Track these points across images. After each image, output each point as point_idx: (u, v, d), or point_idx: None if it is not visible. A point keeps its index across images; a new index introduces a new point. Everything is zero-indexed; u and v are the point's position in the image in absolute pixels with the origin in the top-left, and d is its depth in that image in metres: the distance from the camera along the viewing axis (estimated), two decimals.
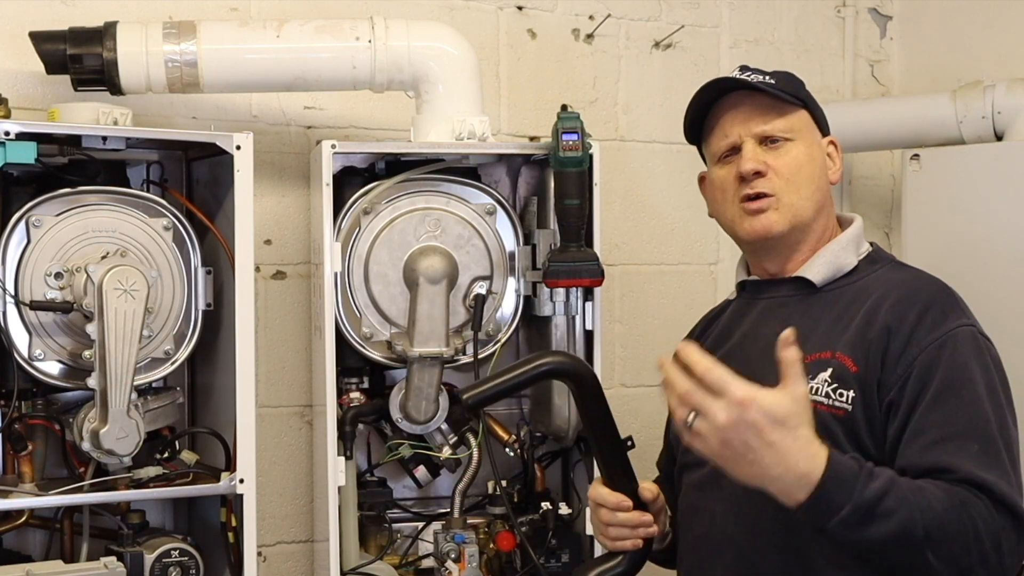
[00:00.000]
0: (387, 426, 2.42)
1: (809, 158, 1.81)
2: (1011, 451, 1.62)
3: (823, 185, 1.83)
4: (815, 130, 1.86)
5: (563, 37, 2.93)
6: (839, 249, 1.81)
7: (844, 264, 1.80)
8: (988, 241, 2.62)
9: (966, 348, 1.65)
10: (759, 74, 1.84)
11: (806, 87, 1.89)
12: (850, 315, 1.72)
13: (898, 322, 1.66)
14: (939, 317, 1.67)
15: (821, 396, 1.68)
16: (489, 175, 2.53)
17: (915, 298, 1.69)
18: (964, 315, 1.70)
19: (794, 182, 1.80)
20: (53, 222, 2.13)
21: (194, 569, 2.21)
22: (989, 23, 3.07)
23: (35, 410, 2.19)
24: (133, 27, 2.23)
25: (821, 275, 1.80)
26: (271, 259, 2.63)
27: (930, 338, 1.65)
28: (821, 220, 1.83)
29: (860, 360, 1.67)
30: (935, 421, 1.60)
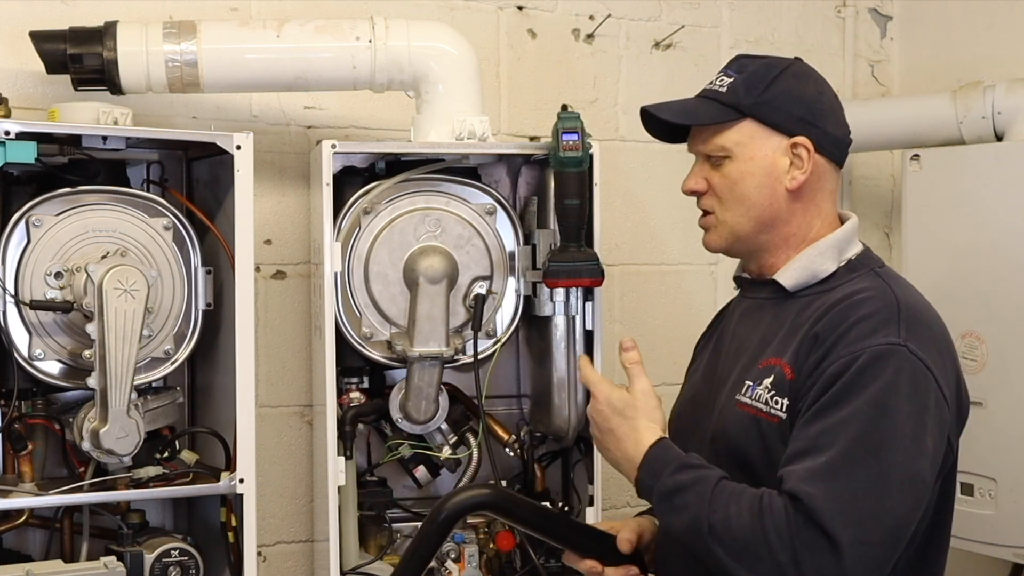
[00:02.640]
0: (387, 426, 2.42)
1: (743, 175, 1.76)
2: (873, 472, 1.54)
3: (763, 200, 1.75)
4: (764, 139, 1.75)
5: (563, 37, 2.93)
6: (816, 255, 1.77)
7: (819, 270, 1.75)
8: (988, 241, 2.62)
9: (878, 365, 1.58)
10: (730, 74, 1.78)
11: (778, 82, 1.77)
12: (803, 321, 1.70)
13: (828, 331, 1.63)
14: (866, 331, 1.61)
15: (760, 403, 1.68)
16: (489, 175, 2.53)
17: (854, 309, 1.64)
18: (897, 332, 1.61)
19: (727, 201, 1.77)
20: (53, 222, 2.13)
21: (194, 569, 2.21)
22: (989, 23, 3.07)
23: (35, 410, 2.18)
24: (133, 27, 2.23)
25: (793, 280, 1.76)
26: (271, 259, 2.63)
27: (846, 351, 1.60)
28: (777, 230, 1.77)
29: (797, 368, 1.66)
30: (806, 433, 1.58)
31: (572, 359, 2.40)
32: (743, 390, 1.71)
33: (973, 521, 2.58)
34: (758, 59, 1.81)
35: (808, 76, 1.80)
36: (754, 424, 1.67)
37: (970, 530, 2.57)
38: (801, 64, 1.82)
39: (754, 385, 1.70)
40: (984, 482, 2.60)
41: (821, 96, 1.79)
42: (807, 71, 1.81)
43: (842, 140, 1.82)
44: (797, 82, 1.77)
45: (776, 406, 1.65)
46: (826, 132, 1.78)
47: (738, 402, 1.71)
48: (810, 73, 1.81)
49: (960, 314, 2.66)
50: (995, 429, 2.60)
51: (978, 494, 2.61)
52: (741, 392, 1.71)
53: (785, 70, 1.78)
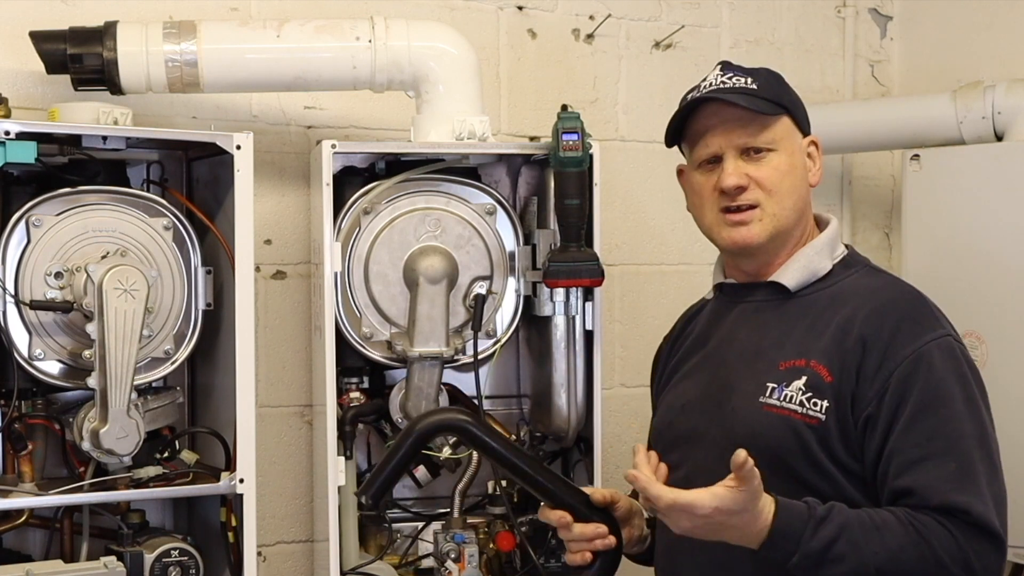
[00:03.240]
0: (387, 426, 2.42)
1: (791, 167, 1.80)
2: (990, 460, 1.65)
3: (804, 192, 1.82)
4: (796, 135, 1.83)
5: (563, 37, 2.93)
6: (813, 254, 1.81)
7: (818, 269, 1.80)
8: (988, 241, 2.62)
9: (943, 361, 1.65)
10: (741, 75, 1.82)
11: (787, 84, 1.87)
12: (824, 322, 1.72)
13: (874, 334, 1.67)
14: (915, 329, 1.67)
15: (795, 404, 1.68)
16: (489, 175, 2.53)
17: (890, 308, 1.70)
18: (939, 324, 1.70)
19: (777, 193, 1.78)
20: (53, 222, 2.13)
21: (194, 569, 2.21)
22: (989, 23, 3.07)
23: (35, 410, 2.18)
24: (133, 27, 2.23)
25: (795, 280, 1.79)
26: (271, 259, 2.63)
27: (905, 352, 1.65)
28: (801, 225, 1.83)
29: (835, 370, 1.67)
30: (912, 440, 1.62)
31: (572, 359, 2.40)
32: (767, 393, 1.72)
33: None
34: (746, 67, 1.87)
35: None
36: (788, 426, 1.68)
37: None
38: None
39: (780, 387, 1.71)
40: None
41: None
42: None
43: None
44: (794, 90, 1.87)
45: (814, 408, 1.67)
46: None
47: (764, 404, 1.71)
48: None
49: (960, 314, 2.64)
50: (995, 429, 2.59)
51: None
52: (766, 395, 1.71)
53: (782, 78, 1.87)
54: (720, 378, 1.81)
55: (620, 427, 2.94)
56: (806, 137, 1.84)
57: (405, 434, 1.74)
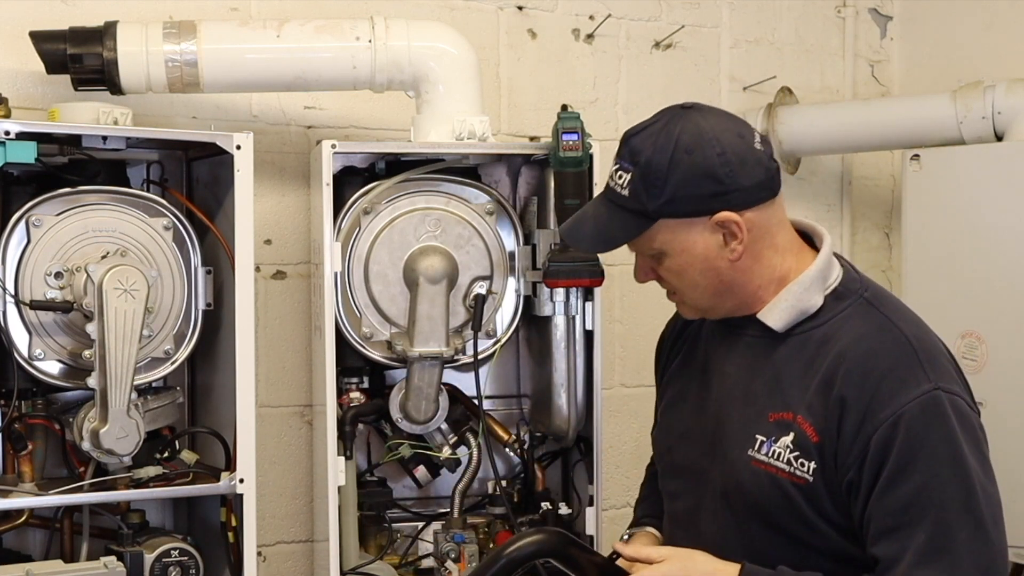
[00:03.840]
0: (387, 426, 2.42)
1: (686, 265, 1.70)
2: (976, 525, 1.55)
3: (713, 279, 1.70)
4: (685, 229, 1.67)
5: (563, 37, 2.93)
6: (801, 291, 1.69)
7: (808, 306, 1.69)
8: (988, 241, 2.62)
9: (925, 421, 1.56)
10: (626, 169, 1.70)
11: (669, 175, 1.65)
12: (813, 370, 1.65)
13: (854, 393, 1.59)
14: (896, 387, 1.58)
15: (782, 463, 1.64)
16: (489, 175, 2.53)
17: (872, 363, 1.60)
18: (927, 378, 1.58)
19: (682, 289, 1.74)
20: (53, 222, 2.13)
21: (194, 569, 2.21)
22: (989, 23, 3.08)
23: (35, 410, 2.18)
24: (133, 27, 2.23)
25: (782, 321, 1.69)
26: (271, 259, 2.63)
27: (884, 414, 1.57)
28: (743, 289, 1.71)
29: (820, 430, 1.62)
30: (887, 508, 1.57)
31: (572, 359, 2.40)
32: (756, 446, 1.67)
33: None
34: (646, 133, 1.70)
35: (701, 140, 1.66)
36: (776, 484, 1.64)
37: None
38: (689, 123, 1.68)
39: (768, 442, 1.66)
40: None
41: (723, 155, 1.65)
42: (698, 133, 1.66)
43: (763, 180, 1.67)
44: (693, 157, 1.65)
45: (802, 468, 1.62)
46: (743, 189, 1.65)
47: (753, 459, 1.67)
48: (702, 133, 1.66)
49: (960, 314, 2.66)
50: (995, 429, 2.58)
51: None
52: (754, 448, 1.67)
53: (676, 148, 1.66)
54: (713, 414, 1.77)
55: (620, 427, 2.94)
56: (712, 217, 1.66)
57: (490, 562, 1.72)
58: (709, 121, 1.68)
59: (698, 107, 1.72)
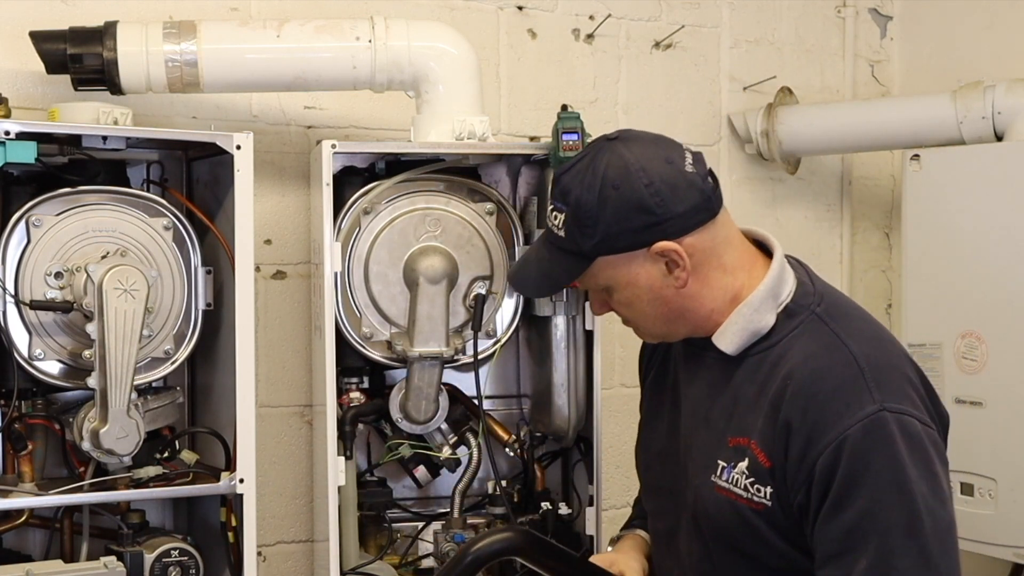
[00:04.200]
0: (387, 426, 2.42)
1: (633, 298, 1.69)
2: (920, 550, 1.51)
3: (661, 308, 1.69)
4: (627, 263, 1.66)
5: (563, 37, 2.93)
6: (751, 313, 1.65)
7: (759, 328, 1.65)
8: (988, 241, 2.62)
9: (868, 444, 1.52)
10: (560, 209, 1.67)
11: (599, 213, 1.63)
12: (765, 392, 1.61)
13: (798, 417, 1.56)
14: (840, 410, 1.54)
15: (740, 489, 1.62)
16: (489, 175, 2.53)
17: (817, 386, 1.56)
18: (872, 398, 1.54)
19: (633, 318, 1.74)
20: (53, 222, 2.13)
21: (194, 569, 2.21)
22: (989, 23, 3.08)
23: (35, 410, 2.18)
24: (133, 27, 2.23)
25: (734, 345, 1.66)
26: (271, 259, 2.63)
27: (828, 438, 1.53)
28: (694, 313, 1.69)
29: (770, 454, 1.59)
30: (831, 534, 1.54)
31: (572, 359, 2.39)
32: (718, 471, 1.65)
33: (973, 521, 2.58)
34: (574, 171, 1.66)
35: (627, 172, 1.62)
36: (736, 510, 1.63)
37: (970, 530, 2.57)
38: (614, 156, 1.64)
39: (728, 468, 1.64)
40: (984, 482, 2.60)
41: (651, 185, 1.62)
42: (623, 166, 1.63)
43: (698, 203, 1.64)
44: (620, 192, 1.62)
45: (759, 494, 1.60)
46: (678, 216, 1.63)
47: (715, 485, 1.66)
48: (627, 165, 1.63)
49: (960, 314, 2.67)
50: (995, 429, 2.60)
51: (978, 494, 2.61)
52: (716, 473, 1.66)
53: (603, 185, 1.62)
54: (681, 435, 1.77)
55: (620, 427, 2.93)
56: (649, 248, 1.64)
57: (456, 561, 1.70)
58: (634, 151, 1.64)
59: (623, 136, 1.68)
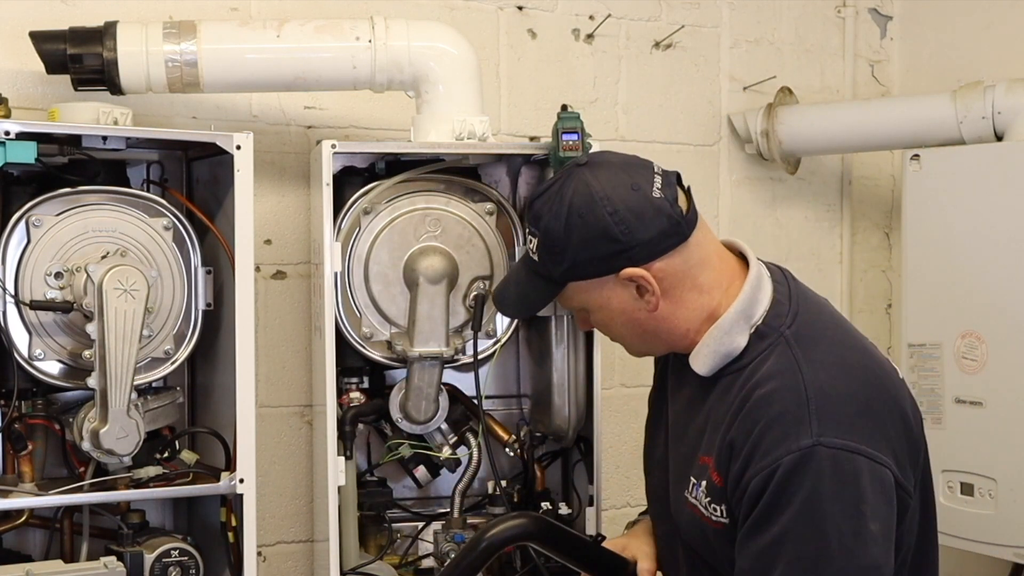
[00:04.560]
0: (387, 426, 2.42)
1: (608, 319, 1.73)
2: None
3: (636, 329, 1.72)
4: (598, 288, 1.69)
5: (563, 37, 2.93)
6: (721, 335, 1.66)
7: (731, 350, 1.66)
8: (988, 241, 2.62)
9: (794, 477, 1.53)
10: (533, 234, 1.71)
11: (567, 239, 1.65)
12: (727, 422, 1.63)
13: (742, 439, 1.58)
14: (778, 438, 1.55)
15: (703, 507, 1.66)
16: (489, 175, 2.53)
17: (763, 411, 1.57)
18: (809, 432, 1.54)
19: (612, 336, 1.79)
20: (53, 222, 2.13)
21: (194, 569, 2.21)
22: (989, 23, 3.08)
23: (35, 410, 2.18)
24: (133, 27, 2.23)
25: (707, 367, 1.68)
26: (271, 259, 2.63)
27: (763, 463, 1.55)
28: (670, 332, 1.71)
29: (721, 473, 1.63)
30: (747, 551, 1.57)
31: (572, 359, 2.39)
32: (689, 487, 1.69)
33: (973, 521, 2.59)
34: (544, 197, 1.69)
35: (592, 200, 1.64)
36: (700, 526, 1.67)
37: (970, 530, 2.57)
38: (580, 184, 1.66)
39: (697, 484, 1.67)
40: (984, 482, 2.60)
41: (615, 213, 1.63)
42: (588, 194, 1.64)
43: (665, 229, 1.64)
44: (585, 220, 1.64)
45: (716, 513, 1.64)
46: (644, 243, 1.64)
47: (687, 500, 1.69)
48: (592, 193, 1.64)
49: (960, 314, 2.67)
50: (995, 429, 2.60)
51: (978, 494, 2.61)
52: (688, 489, 1.69)
53: (570, 213, 1.64)
54: (668, 446, 1.80)
55: (620, 427, 2.94)
56: (617, 274, 1.66)
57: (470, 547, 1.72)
58: (600, 179, 1.65)
59: (592, 162, 1.69)
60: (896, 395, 1.64)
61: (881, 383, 1.64)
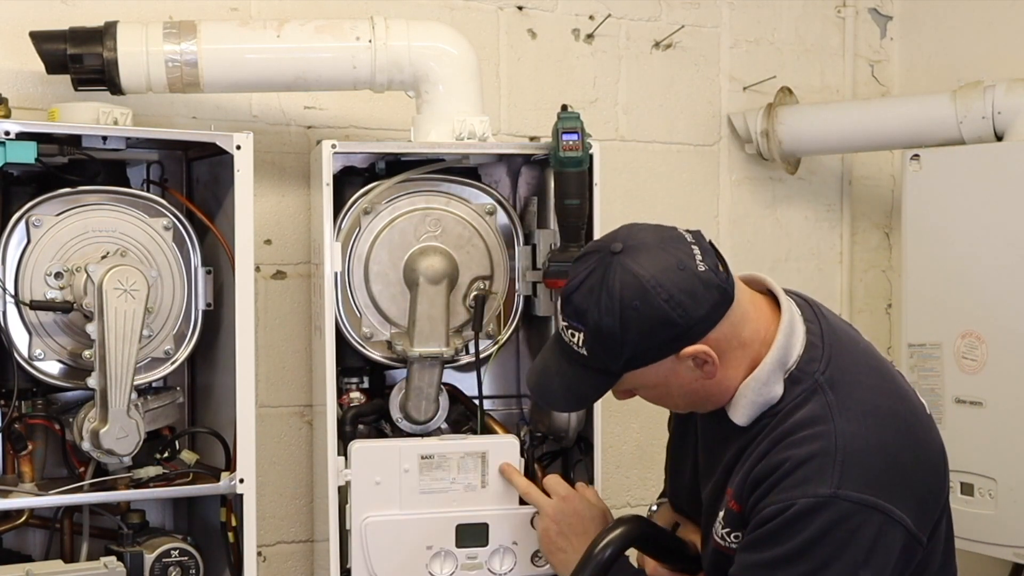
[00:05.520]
0: (387, 426, 2.42)
1: (661, 396, 1.76)
2: None
3: (692, 395, 1.73)
4: (655, 370, 1.69)
5: (563, 37, 2.93)
6: (759, 386, 1.68)
7: (769, 399, 1.68)
8: (988, 241, 2.62)
9: (804, 520, 1.57)
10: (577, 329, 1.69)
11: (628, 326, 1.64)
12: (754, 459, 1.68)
13: (767, 475, 1.63)
14: (799, 479, 1.59)
15: (719, 537, 1.71)
16: (489, 175, 2.53)
17: (791, 450, 1.61)
18: (831, 481, 1.58)
19: (663, 405, 1.82)
20: (53, 222, 2.13)
21: (194, 569, 2.21)
22: (989, 23, 3.08)
23: (35, 410, 2.18)
24: (133, 27, 2.23)
25: (746, 418, 1.70)
26: (271, 259, 2.63)
27: (780, 497, 1.60)
28: (719, 388, 1.71)
29: (740, 500, 1.67)
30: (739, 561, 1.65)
31: None
32: (716, 523, 1.73)
33: (973, 521, 2.58)
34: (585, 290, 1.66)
35: (643, 290, 1.62)
36: (722, 560, 1.71)
37: (970, 530, 2.57)
38: (626, 274, 1.64)
39: (722, 521, 1.72)
40: (984, 482, 2.60)
41: (671, 299, 1.62)
42: (638, 283, 1.62)
43: (718, 300, 1.65)
44: (641, 312, 1.62)
45: (733, 540, 1.68)
46: (701, 319, 1.64)
47: (712, 537, 1.74)
48: (642, 282, 1.62)
49: (960, 314, 2.66)
50: (995, 429, 2.60)
51: (978, 494, 2.61)
52: (715, 525, 1.74)
53: (623, 306, 1.62)
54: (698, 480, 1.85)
55: (620, 427, 2.94)
56: (678, 354, 1.66)
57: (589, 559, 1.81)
58: (644, 264, 1.64)
59: (628, 247, 1.67)
60: (926, 438, 1.68)
61: (912, 431, 1.66)
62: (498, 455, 2.27)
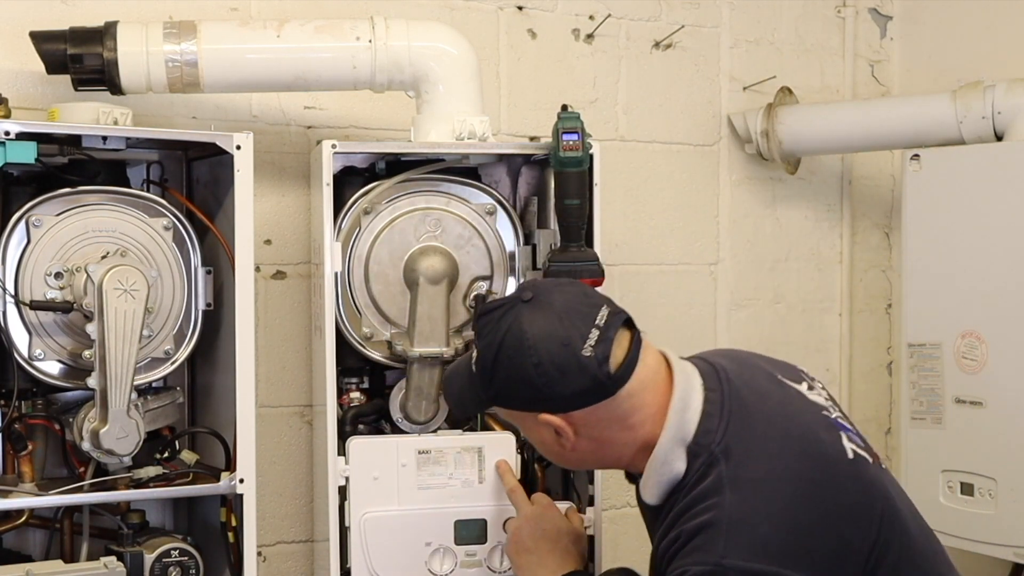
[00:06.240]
0: (387, 426, 2.42)
1: (535, 442, 1.85)
2: None
3: (564, 459, 1.81)
4: (521, 416, 1.79)
5: (563, 37, 2.93)
6: (660, 465, 1.71)
7: (674, 475, 1.70)
8: (988, 241, 2.62)
9: None
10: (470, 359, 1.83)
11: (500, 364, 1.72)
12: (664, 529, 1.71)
13: (667, 548, 1.66)
14: (690, 551, 1.62)
15: None
16: (489, 175, 2.53)
17: (685, 524, 1.64)
18: (717, 550, 1.59)
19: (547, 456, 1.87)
20: (53, 222, 2.13)
21: (194, 569, 2.21)
22: (989, 23, 3.08)
23: (35, 410, 2.18)
24: (133, 27, 2.23)
25: (656, 497, 1.73)
26: (271, 259, 2.63)
27: (671, 567, 1.63)
28: (604, 461, 1.79)
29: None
30: None
31: None
32: None
33: (973, 521, 2.59)
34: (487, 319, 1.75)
35: (520, 346, 1.69)
36: None
37: (970, 530, 2.57)
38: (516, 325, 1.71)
39: None
40: (984, 482, 2.60)
41: (539, 366, 1.68)
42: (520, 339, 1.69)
43: (587, 388, 1.68)
44: (511, 363, 1.70)
45: None
46: (562, 397, 1.69)
47: None
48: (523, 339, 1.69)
49: (960, 314, 2.66)
50: (995, 429, 2.60)
51: (978, 494, 2.61)
52: None
53: (500, 349, 1.71)
54: None
55: None
56: (538, 415, 1.74)
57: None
58: (536, 325, 1.69)
59: (536, 301, 1.72)
60: (838, 489, 1.65)
61: (815, 487, 1.65)
62: (494, 450, 2.28)
